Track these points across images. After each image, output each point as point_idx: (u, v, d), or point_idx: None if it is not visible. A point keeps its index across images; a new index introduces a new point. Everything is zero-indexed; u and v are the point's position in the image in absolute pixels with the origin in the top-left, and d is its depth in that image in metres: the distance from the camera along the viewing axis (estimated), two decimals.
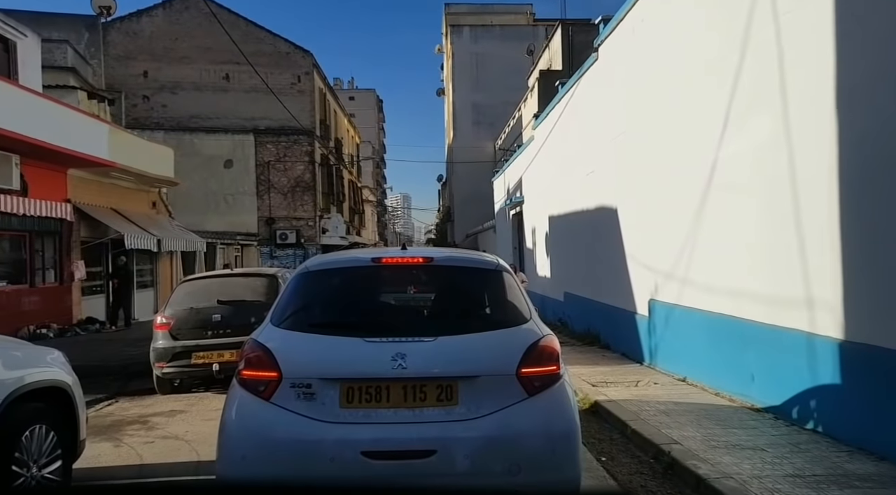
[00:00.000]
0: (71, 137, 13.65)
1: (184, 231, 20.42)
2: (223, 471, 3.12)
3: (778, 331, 5.63)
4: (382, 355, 3.15)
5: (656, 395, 6.87)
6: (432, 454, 2.99)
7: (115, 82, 29.49)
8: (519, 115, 32.54)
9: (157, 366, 7.58)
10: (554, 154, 14.89)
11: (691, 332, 7.50)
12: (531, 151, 17.69)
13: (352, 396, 3.10)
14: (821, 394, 5.15)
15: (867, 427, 4.61)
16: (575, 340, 11.88)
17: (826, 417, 5.10)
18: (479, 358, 3.24)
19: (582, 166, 12.07)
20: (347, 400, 3.10)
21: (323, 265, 3.82)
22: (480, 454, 3.04)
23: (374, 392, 3.11)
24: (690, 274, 7.51)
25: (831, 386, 5.01)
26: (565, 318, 13.82)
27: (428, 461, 2.97)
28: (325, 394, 3.10)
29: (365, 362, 3.17)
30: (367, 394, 3.11)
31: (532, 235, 18.04)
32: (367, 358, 3.17)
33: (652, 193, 8.67)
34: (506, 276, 3.74)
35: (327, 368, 3.17)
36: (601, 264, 11.21)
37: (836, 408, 4.97)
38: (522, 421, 3.11)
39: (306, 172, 31.86)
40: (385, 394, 3.11)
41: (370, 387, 3.12)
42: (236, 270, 10.73)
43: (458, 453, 3.02)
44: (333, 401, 3.09)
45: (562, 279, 14.43)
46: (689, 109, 7.46)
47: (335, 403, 3.09)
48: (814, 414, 5.23)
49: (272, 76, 30.21)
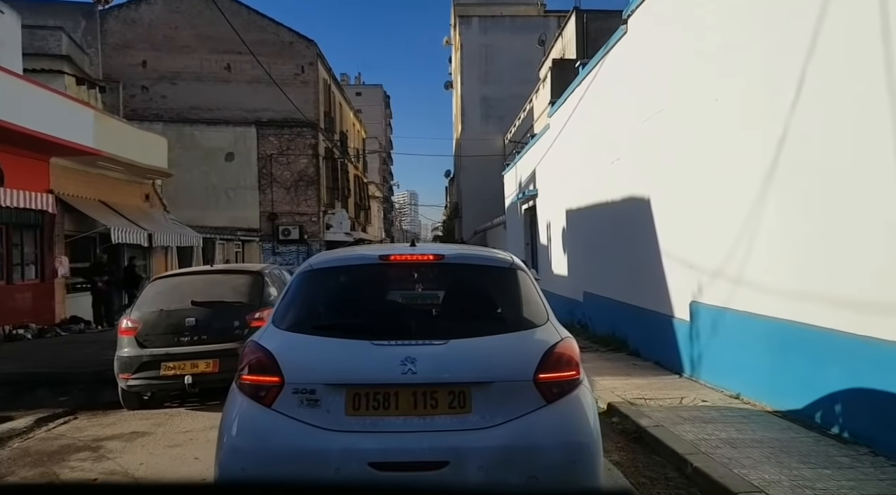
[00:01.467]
0: (52, 123, 12.61)
1: (179, 225, 19.40)
2: (222, 482, 2.96)
3: (879, 344, 4.49)
4: (391, 359, 2.99)
5: (711, 417, 5.75)
6: (444, 465, 2.83)
7: (112, 72, 28.48)
8: (530, 107, 31.43)
9: (122, 377, 6.49)
10: (572, 143, 13.75)
11: (747, 341, 6.37)
12: (546, 141, 16.55)
13: (358, 403, 2.96)
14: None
15: None
16: (598, 345, 10.75)
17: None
18: (494, 362, 3.08)
19: (606, 153, 10.93)
20: (354, 408, 2.95)
21: (328, 263, 3.66)
22: (495, 465, 2.87)
23: (382, 399, 2.96)
24: (746, 272, 6.38)
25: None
26: (585, 320, 12.69)
27: (439, 473, 2.82)
28: (330, 401, 2.95)
29: (372, 367, 3.01)
30: (374, 401, 2.96)
31: (546, 231, 16.90)
32: (374, 362, 3.02)
33: (695, 179, 7.54)
34: (521, 275, 3.52)
35: (332, 373, 3.02)
36: (628, 261, 10.08)
37: None
38: (540, 430, 2.94)
39: (310, 166, 30.80)
40: (394, 401, 2.96)
41: (378, 394, 2.96)
42: (216, 266, 9.60)
43: (472, 464, 2.86)
44: (339, 409, 2.94)
45: (581, 277, 13.30)
46: (749, 71, 6.31)
47: (341, 411, 2.94)
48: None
49: (275, 66, 29.17)
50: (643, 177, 9.27)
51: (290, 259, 30.30)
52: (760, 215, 6.10)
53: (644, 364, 8.82)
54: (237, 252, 26.97)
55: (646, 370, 8.38)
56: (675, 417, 5.79)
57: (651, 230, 8.93)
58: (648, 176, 9.05)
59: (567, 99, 14.02)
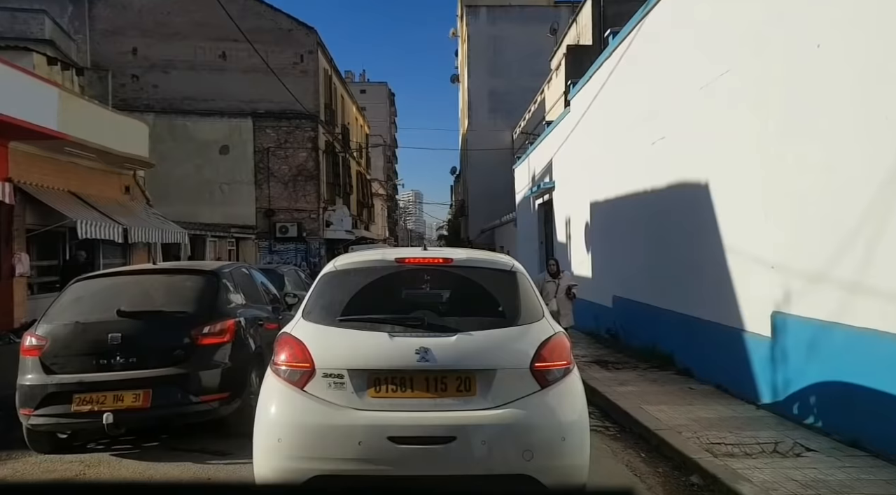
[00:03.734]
0: (4, 101, 10.99)
1: (162, 220, 17.76)
2: (260, 455, 3.34)
3: None
4: (407, 349, 3.37)
5: (838, 481, 4.05)
6: (452, 440, 3.20)
7: (101, 60, 26.89)
8: (541, 99, 29.79)
9: (23, 413, 4.80)
10: (597, 127, 12.05)
11: (873, 369, 4.66)
12: (564, 128, 14.84)
13: (379, 386, 3.35)
14: None
15: None
16: (635, 360, 9.04)
17: None
18: (496, 353, 3.47)
19: (646, 134, 9.22)
20: (375, 390, 3.34)
21: (350, 264, 4.02)
22: (496, 441, 3.23)
23: (399, 382, 3.36)
24: (871, 276, 4.67)
25: None
26: (615, 329, 10.97)
27: (448, 447, 3.19)
28: (355, 384, 3.34)
29: (391, 355, 3.39)
30: (393, 384, 3.36)
31: (566, 227, 15.18)
32: (393, 351, 3.39)
33: (783, 154, 5.83)
34: (520, 277, 3.92)
35: (357, 360, 3.40)
36: (675, 260, 8.38)
37: None
38: (535, 411, 3.33)
39: (309, 160, 29.12)
40: (409, 384, 3.36)
41: (396, 378, 3.36)
42: (160, 265, 7.85)
43: (476, 439, 3.23)
44: (362, 390, 3.34)
45: (610, 279, 11.59)
46: None
47: (364, 392, 3.34)
48: None
49: (273, 55, 27.50)
50: (699, 158, 7.56)
51: (287, 257, 28.69)
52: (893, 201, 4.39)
53: (703, 388, 7.10)
54: (231, 250, 25.31)
55: (708, 397, 6.67)
56: (784, 480, 4.09)
57: (709, 221, 7.24)
58: (707, 155, 7.35)
59: (591, 77, 12.31)
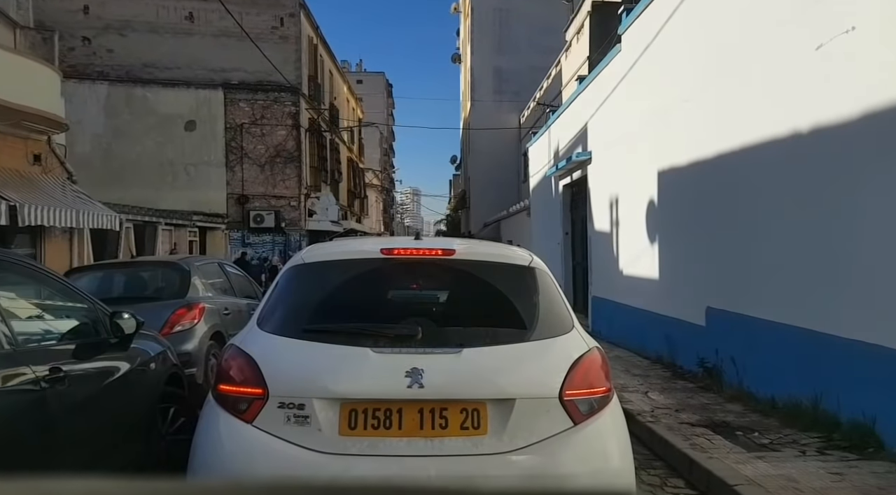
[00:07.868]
0: None
1: (86, 201, 13.89)
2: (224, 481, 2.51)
3: None
4: (394, 370, 2.55)
5: None
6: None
7: (46, 19, 22.79)
8: (556, 72, 26.01)
9: None
10: (670, 65, 8.26)
11: None
12: (611, 76, 11.02)
13: (355, 421, 2.53)
14: None
15: None
16: (778, 422, 5.23)
17: None
18: (514, 375, 2.64)
19: (806, 31, 5.41)
20: (349, 426, 2.53)
21: (322, 256, 3.22)
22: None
23: (382, 416, 2.53)
24: None
25: None
26: (718, 362, 7.09)
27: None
28: (322, 418, 2.52)
29: (372, 378, 2.58)
30: (374, 419, 2.53)
31: (610, 210, 11.34)
32: (375, 373, 2.59)
33: None
34: (541, 275, 3.09)
35: (325, 385, 2.57)
36: (855, 252, 4.58)
37: None
38: (568, 456, 2.53)
39: (289, 139, 25.29)
40: (396, 420, 2.52)
41: (378, 410, 2.53)
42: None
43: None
44: (332, 427, 2.52)
45: (698, 281, 7.78)
46: None
47: (334, 429, 2.52)
48: None
49: (248, 17, 23.73)
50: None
51: (263, 251, 24.91)
52: None
53: None
54: (192, 241, 21.42)
55: None
56: None
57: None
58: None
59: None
